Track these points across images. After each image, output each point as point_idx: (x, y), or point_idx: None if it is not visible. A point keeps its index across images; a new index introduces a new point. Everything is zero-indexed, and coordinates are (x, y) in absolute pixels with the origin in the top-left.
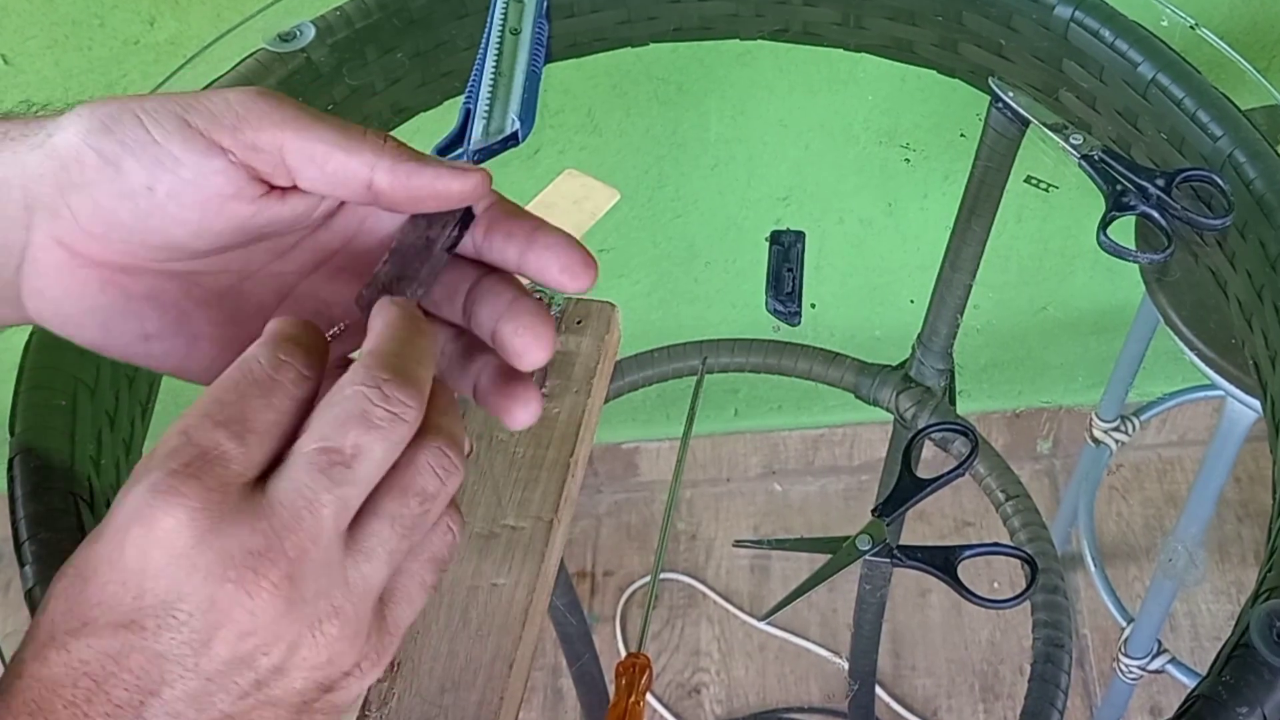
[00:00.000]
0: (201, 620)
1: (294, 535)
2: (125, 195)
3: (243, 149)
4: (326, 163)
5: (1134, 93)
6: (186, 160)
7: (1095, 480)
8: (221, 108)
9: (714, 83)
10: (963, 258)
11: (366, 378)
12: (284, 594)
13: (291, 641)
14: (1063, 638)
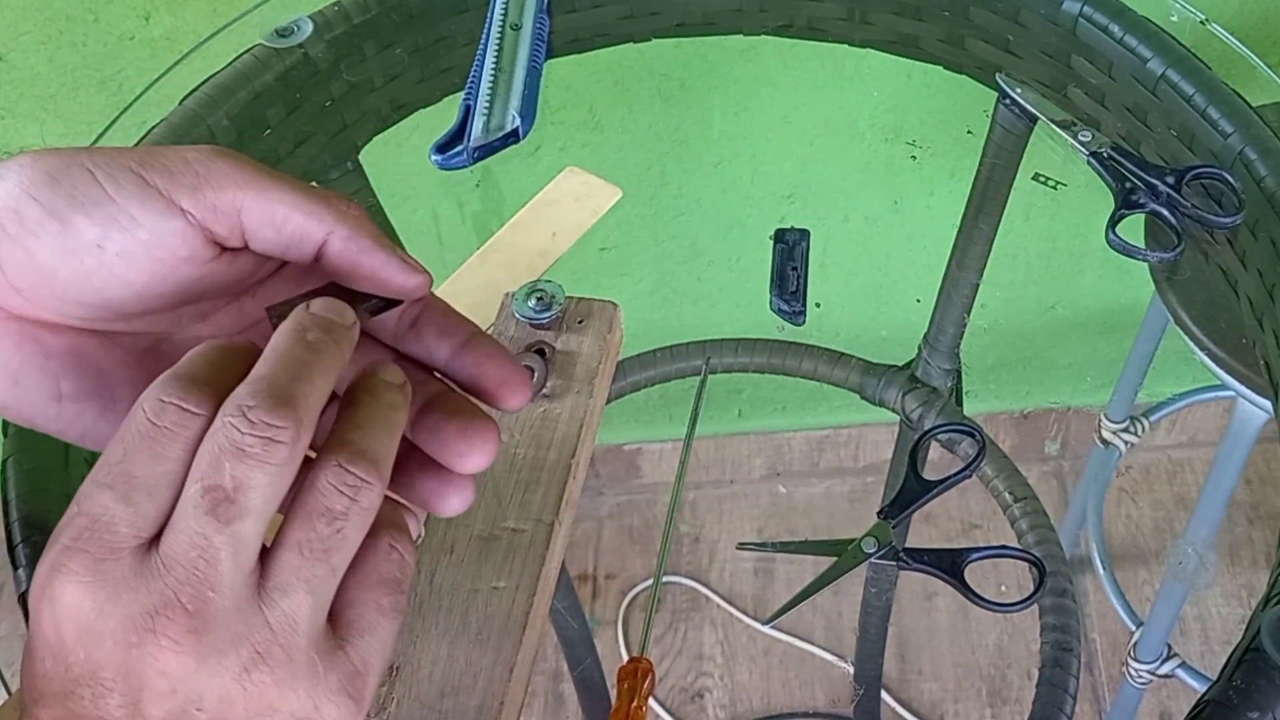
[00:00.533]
0: (125, 685)
1: (191, 586)
2: (68, 251)
3: (202, 210)
4: (285, 225)
5: (1143, 89)
6: (144, 220)
7: (1104, 482)
8: (180, 166)
9: (717, 79)
10: (970, 256)
11: (232, 407)
12: (191, 648)
13: (220, 694)
14: (1071, 642)
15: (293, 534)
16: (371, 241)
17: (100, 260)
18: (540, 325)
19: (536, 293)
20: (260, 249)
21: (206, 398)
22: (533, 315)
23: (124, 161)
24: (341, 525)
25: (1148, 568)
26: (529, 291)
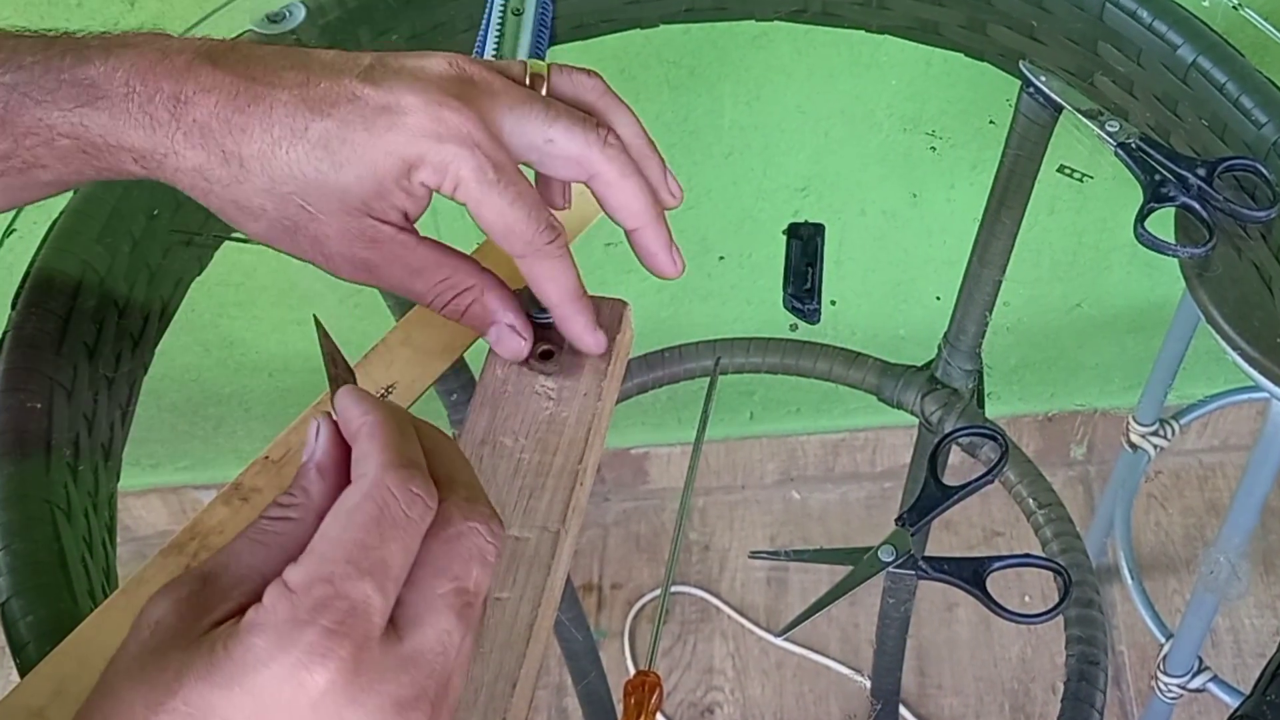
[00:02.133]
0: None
1: (435, 680)
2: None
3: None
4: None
5: (1173, 77)
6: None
7: (1132, 488)
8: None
9: (728, 66)
10: (992, 252)
11: (478, 516)
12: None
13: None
14: (1098, 654)
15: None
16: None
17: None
18: (547, 324)
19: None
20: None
21: (434, 491)
22: (540, 314)
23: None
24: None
25: (1178, 577)
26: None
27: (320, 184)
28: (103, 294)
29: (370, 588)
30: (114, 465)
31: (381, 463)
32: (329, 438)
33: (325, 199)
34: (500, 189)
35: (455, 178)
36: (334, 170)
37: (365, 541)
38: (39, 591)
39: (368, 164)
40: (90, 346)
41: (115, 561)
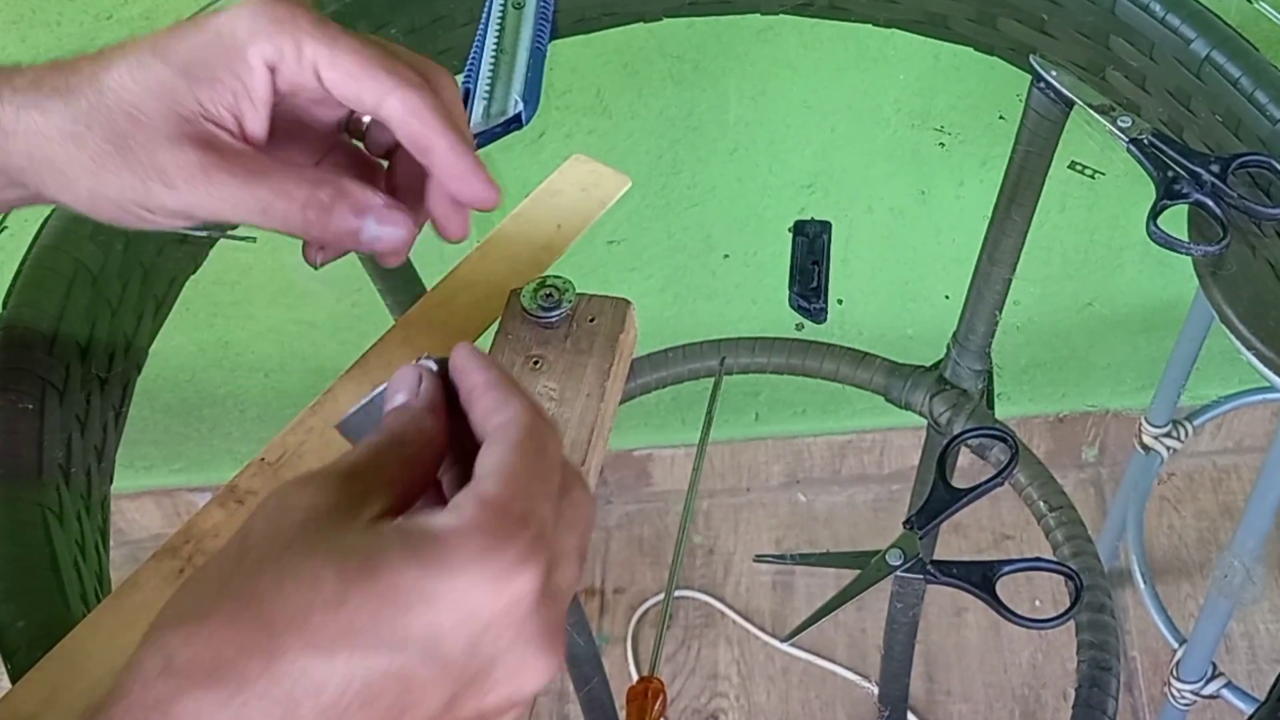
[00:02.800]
0: (502, 684)
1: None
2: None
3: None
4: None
5: (1187, 71)
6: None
7: (1145, 490)
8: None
9: (733, 61)
10: (1002, 250)
11: (585, 488)
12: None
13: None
14: (1110, 660)
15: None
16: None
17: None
18: (549, 325)
19: (545, 289)
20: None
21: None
22: (541, 314)
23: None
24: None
25: (1191, 581)
26: (537, 287)
27: (148, 86)
28: (96, 292)
29: (551, 514)
30: (107, 467)
31: (529, 407)
32: (434, 385)
33: (154, 101)
34: (343, 33)
35: (297, 31)
36: (164, 64)
37: (539, 474)
38: (30, 596)
39: (197, 51)
40: (83, 346)
41: (108, 565)
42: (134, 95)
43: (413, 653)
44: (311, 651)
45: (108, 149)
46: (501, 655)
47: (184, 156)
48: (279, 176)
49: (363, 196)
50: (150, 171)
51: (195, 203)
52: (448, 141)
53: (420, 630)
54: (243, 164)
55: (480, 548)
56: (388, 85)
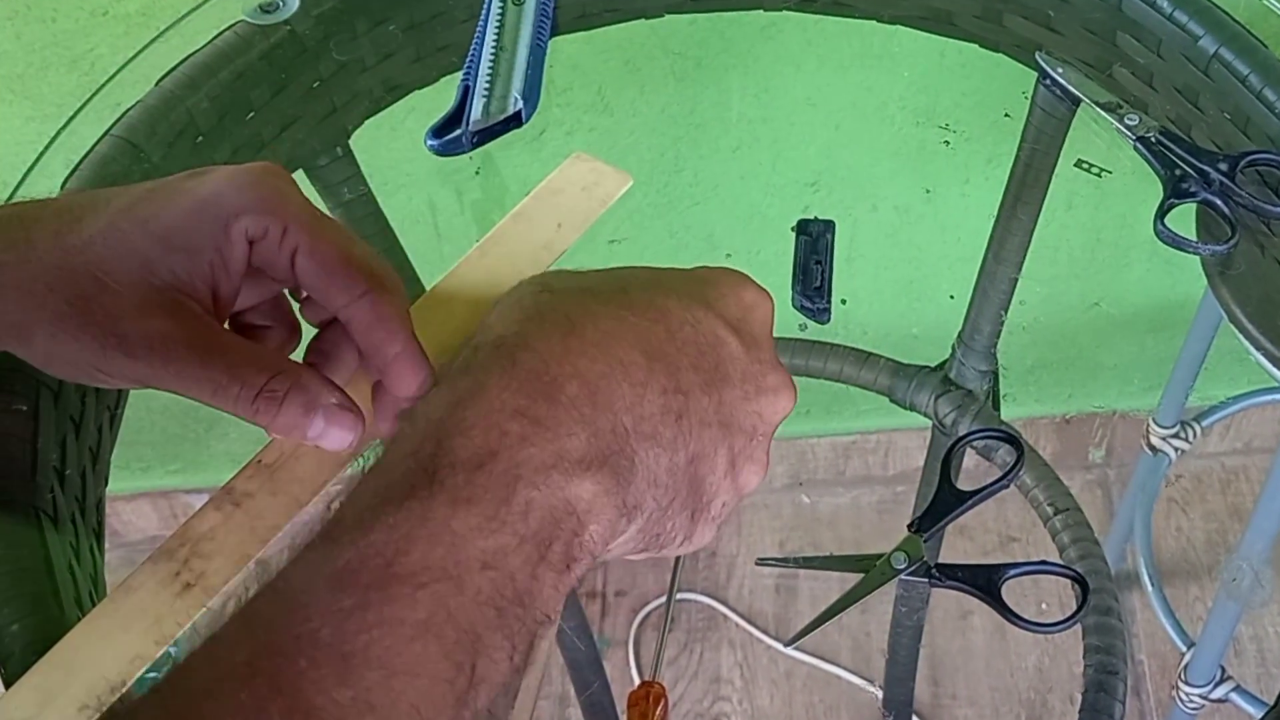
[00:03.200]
0: (769, 376)
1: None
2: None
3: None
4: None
5: (1194, 69)
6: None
7: (1152, 492)
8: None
9: (736, 58)
10: (1008, 249)
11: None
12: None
13: (760, 457)
14: (1117, 664)
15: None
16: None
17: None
18: None
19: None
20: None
21: None
22: None
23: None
24: None
25: (1199, 584)
26: None
27: (120, 252)
28: None
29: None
30: (102, 469)
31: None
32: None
33: (126, 265)
34: (326, 222)
35: (284, 215)
36: (140, 231)
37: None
38: (25, 599)
39: (179, 221)
40: None
41: (103, 568)
42: (103, 260)
43: (714, 307)
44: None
45: (68, 311)
46: (762, 342)
47: (147, 326)
48: (237, 357)
49: (316, 393)
50: (110, 338)
51: (150, 374)
52: (408, 352)
53: (702, 289)
54: (203, 339)
55: (742, 277)
56: (361, 288)
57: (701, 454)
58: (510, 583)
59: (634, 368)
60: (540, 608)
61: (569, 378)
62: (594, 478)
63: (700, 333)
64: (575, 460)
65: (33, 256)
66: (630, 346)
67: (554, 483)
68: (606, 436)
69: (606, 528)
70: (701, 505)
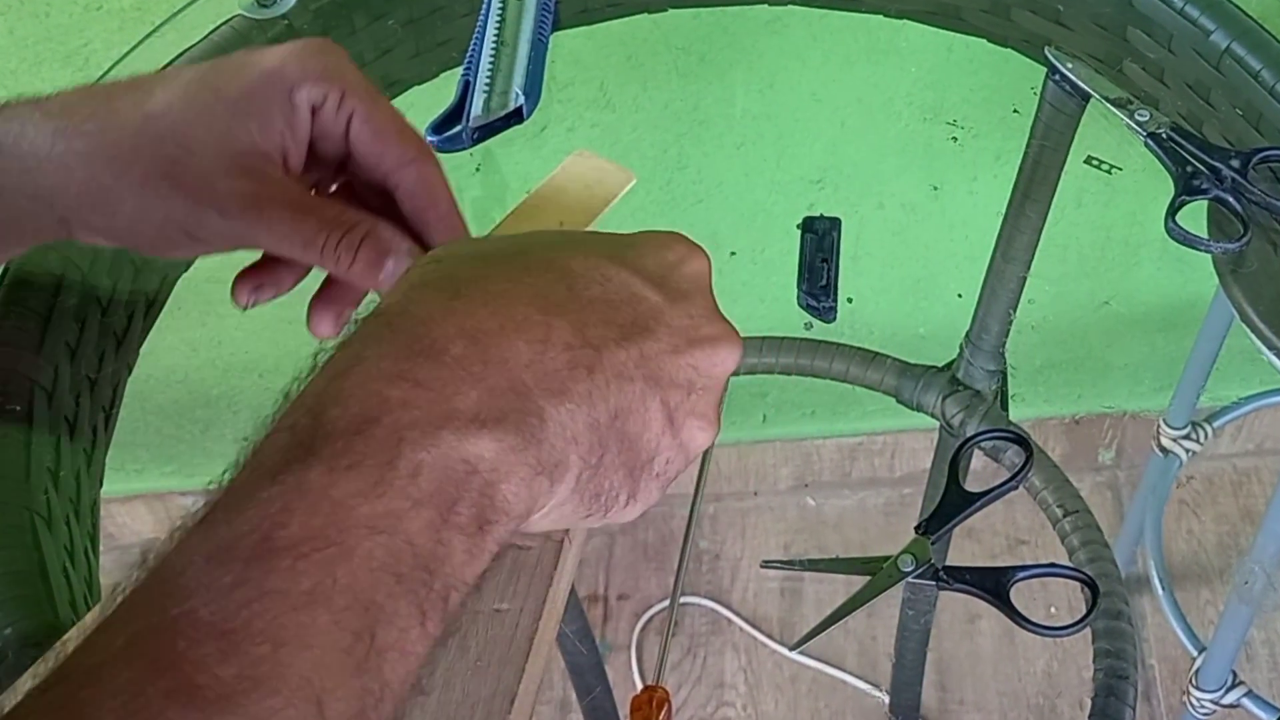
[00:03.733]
0: (703, 328)
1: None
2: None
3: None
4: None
5: (1206, 64)
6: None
7: (1163, 494)
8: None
9: (740, 53)
10: (1016, 247)
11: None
12: (726, 385)
13: (706, 411)
14: (1127, 668)
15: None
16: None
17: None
18: None
19: None
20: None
21: None
22: None
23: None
24: None
25: (1211, 587)
26: None
27: (198, 114)
28: (85, 291)
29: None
30: (97, 470)
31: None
32: None
33: (204, 132)
34: (380, 94)
35: (342, 83)
36: (215, 98)
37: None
38: (19, 603)
39: (249, 88)
40: (72, 346)
41: (98, 571)
42: (185, 125)
43: (629, 264)
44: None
45: (157, 175)
46: (693, 295)
47: (237, 186)
48: (324, 211)
49: (390, 240)
50: (204, 197)
51: (245, 232)
52: (448, 222)
53: (619, 247)
54: (290, 196)
55: (670, 235)
56: (411, 154)
57: (627, 409)
58: (409, 548)
59: (530, 325)
60: (453, 573)
61: (453, 338)
62: (493, 434)
63: (610, 289)
64: (469, 419)
65: (116, 124)
66: (525, 304)
67: (445, 442)
68: (505, 394)
69: (521, 486)
70: (641, 462)
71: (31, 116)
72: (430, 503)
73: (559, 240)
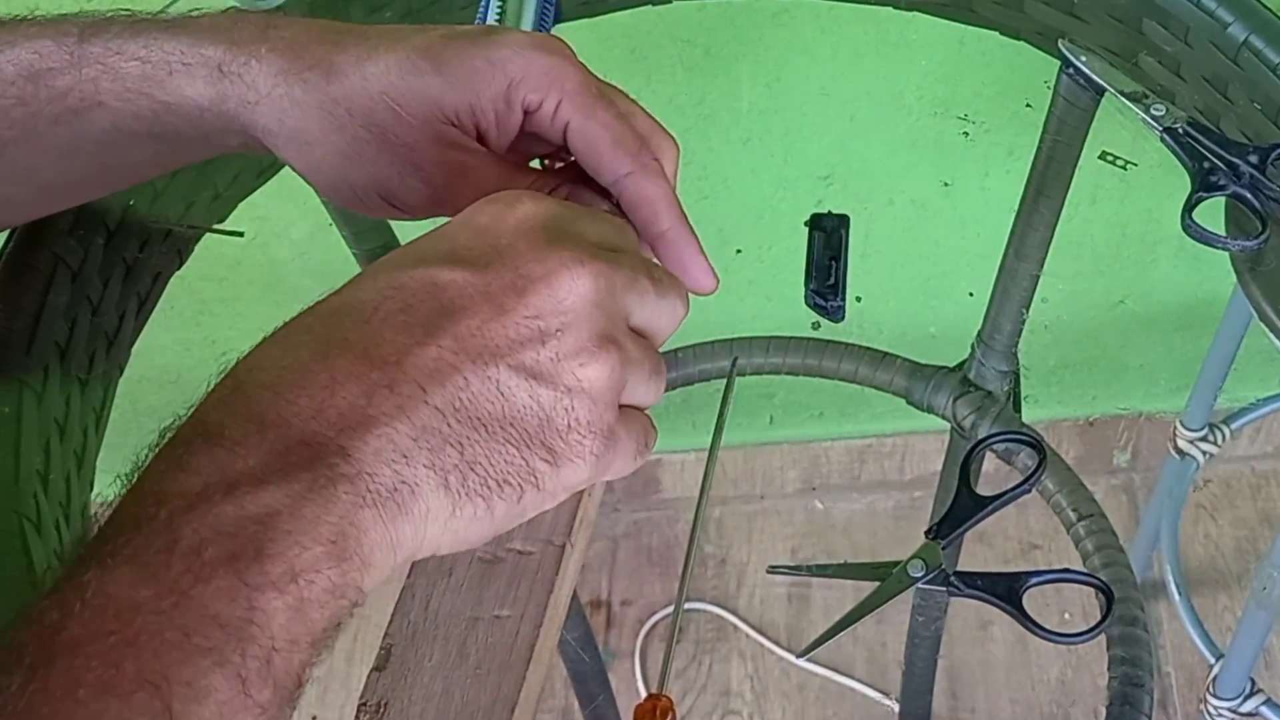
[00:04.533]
0: (531, 270)
1: (626, 272)
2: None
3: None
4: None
5: (1223, 57)
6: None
7: (1180, 497)
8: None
9: (746, 46)
10: (1029, 244)
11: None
12: (602, 302)
13: (583, 344)
14: (1142, 676)
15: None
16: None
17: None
18: None
19: None
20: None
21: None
22: None
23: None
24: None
25: (1229, 593)
26: None
27: (415, 87)
28: (75, 289)
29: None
30: (87, 474)
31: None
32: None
33: (418, 102)
34: (606, 102)
35: (560, 90)
36: (434, 71)
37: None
38: (7, 610)
39: (469, 70)
40: (62, 346)
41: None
42: (399, 91)
43: (429, 259)
44: (352, 288)
45: (366, 136)
46: (514, 245)
47: (444, 155)
48: (528, 178)
49: (594, 204)
50: (408, 164)
51: (446, 198)
52: (675, 231)
53: (427, 245)
54: (494, 168)
55: (487, 199)
56: (626, 167)
57: (468, 396)
58: (210, 620)
59: (309, 376)
60: (277, 634)
61: (228, 421)
62: (281, 487)
63: (405, 294)
64: (252, 482)
65: (335, 78)
66: (306, 361)
67: (226, 511)
68: (291, 450)
69: (346, 526)
70: (530, 431)
71: (259, 50)
72: (223, 571)
73: (358, 279)
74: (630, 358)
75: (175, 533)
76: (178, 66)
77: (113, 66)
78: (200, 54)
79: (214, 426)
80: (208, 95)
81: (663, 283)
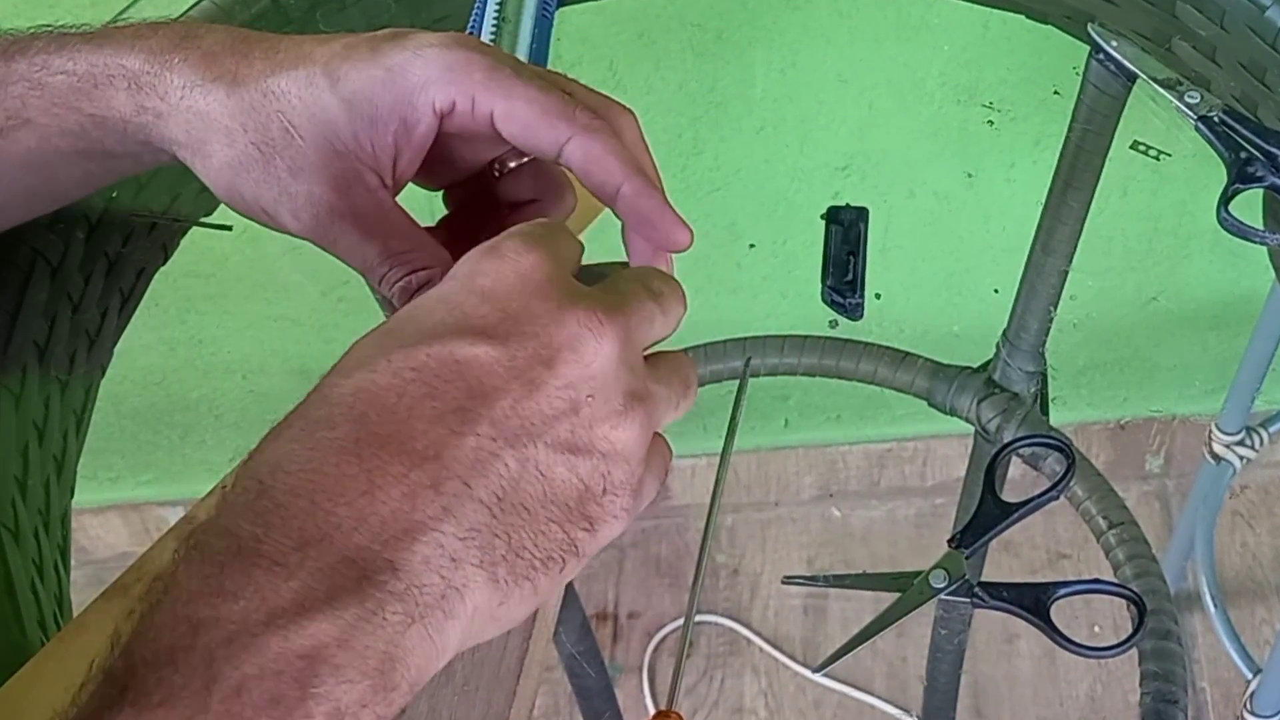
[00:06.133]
0: (554, 338)
1: (636, 311)
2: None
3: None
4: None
5: (1261, 42)
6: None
7: (1215, 504)
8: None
9: (760, 30)
10: (1057, 239)
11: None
12: (626, 357)
13: (615, 406)
14: (1176, 692)
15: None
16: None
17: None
18: None
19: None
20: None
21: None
22: None
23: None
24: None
25: (1267, 605)
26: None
27: (312, 108)
28: (55, 286)
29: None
30: (67, 479)
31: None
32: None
33: (314, 122)
34: (526, 78)
35: (470, 82)
36: (330, 89)
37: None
38: None
39: (366, 82)
40: (41, 346)
41: (69, 587)
42: (294, 111)
43: (441, 333)
44: (365, 373)
45: (254, 154)
46: (527, 308)
47: (317, 193)
48: (395, 240)
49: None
50: (283, 194)
51: (313, 236)
52: (631, 186)
53: (432, 316)
54: (368, 213)
55: (477, 254)
56: (565, 133)
57: (510, 483)
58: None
59: (346, 483)
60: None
61: (262, 537)
62: (327, 615)
63: (426, 376)
64: (294, 612)
65: (236, 92)
66: (336, 466)
67: (269, 647)
68: (334, 570)
69: (395, 648)
70: (571, 506)
71: (172, 60)
72: (267, 714)
73: (365, 359)
74: (657, 403)
75: (214, 670)
76: (102, 79)
77: (39, 82)
78: (120, 65)
79: (249, 541)
80: (129, 107)
81: (662, 295)
